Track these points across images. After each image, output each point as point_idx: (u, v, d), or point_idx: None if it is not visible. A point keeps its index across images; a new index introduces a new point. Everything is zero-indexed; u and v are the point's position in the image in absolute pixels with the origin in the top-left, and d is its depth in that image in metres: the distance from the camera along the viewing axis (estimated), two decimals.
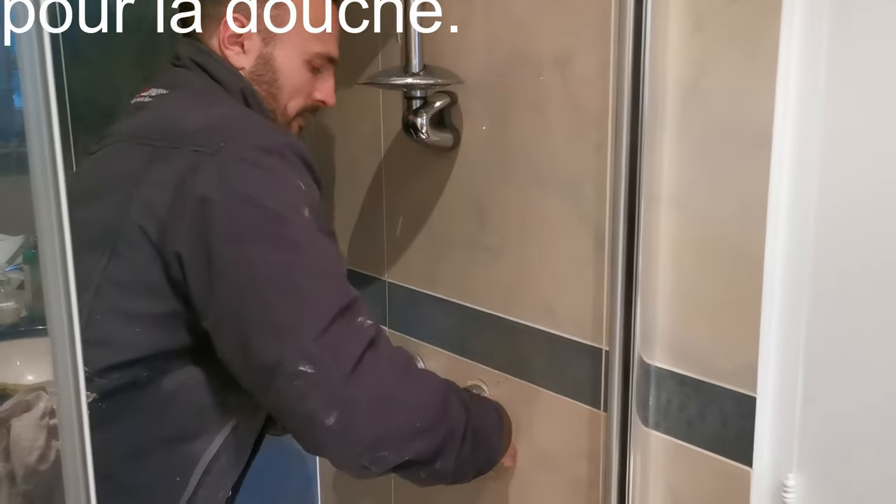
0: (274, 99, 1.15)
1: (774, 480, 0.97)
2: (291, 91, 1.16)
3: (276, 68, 1.13)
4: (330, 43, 1.18)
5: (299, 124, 1.21)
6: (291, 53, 1.14)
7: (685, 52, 0.96)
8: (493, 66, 1.20)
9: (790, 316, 0.94)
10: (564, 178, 1.12)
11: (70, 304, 0.57)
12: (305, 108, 1.20)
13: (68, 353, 0.59)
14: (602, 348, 1.10)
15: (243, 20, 1.11)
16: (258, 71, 1.13)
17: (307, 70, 1.16)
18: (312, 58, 1.16)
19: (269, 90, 1.14)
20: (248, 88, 1.11)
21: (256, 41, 1.12)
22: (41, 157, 0.56)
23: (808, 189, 0.90)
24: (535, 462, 1.23)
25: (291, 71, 1.14)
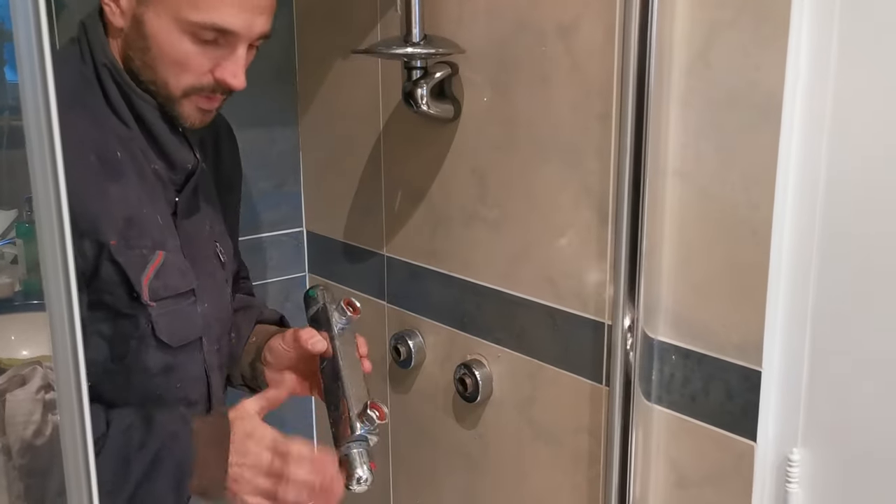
0: (152, 70, 0.94)
1: (779, 455, 0.96)
2: (171, 65, 0.93)
3: (146, 34, 0.92)
4: (220, 10, 0.91)
5: (198, 106, 0.97)
6: (164, 20, 0.91)
7: (693, 20, 0.94)
8: (494, 35, 1.17)
9: (797, 290, 0.93)
10: (568, 150, 1.10)
11: (69, 277, 0.56)
12: (202, 88, 0.95)
13: (67, 327, 0.57)
14: (605, 322, 1.09)
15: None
16: (132, 35, 0.93)
17: (190, 42, 0.92)
18: (193, 28, 0.91)
19: (143, 59, 0.93)
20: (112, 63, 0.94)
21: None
22: (38, 130, 0.54)
23: (817, 161, 0.89)
24: (537, 437, 1.22)
25: (166, 41, 0.91)
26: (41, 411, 1.00)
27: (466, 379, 1.29)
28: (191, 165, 1.02)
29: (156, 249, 0.95)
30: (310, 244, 1.67)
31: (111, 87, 0.95)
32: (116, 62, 0.95)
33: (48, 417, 1.01)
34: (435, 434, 1.42)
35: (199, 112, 0.98)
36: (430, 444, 1.44)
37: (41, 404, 1.00)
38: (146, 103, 0.96)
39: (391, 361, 1.47)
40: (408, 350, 1.41)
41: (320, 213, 1.62)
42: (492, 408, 1.30)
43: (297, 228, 1.67)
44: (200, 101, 0.97)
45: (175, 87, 0.95)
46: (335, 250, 1.59)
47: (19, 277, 1.59)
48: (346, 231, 1.56)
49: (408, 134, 1.36)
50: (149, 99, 0.96)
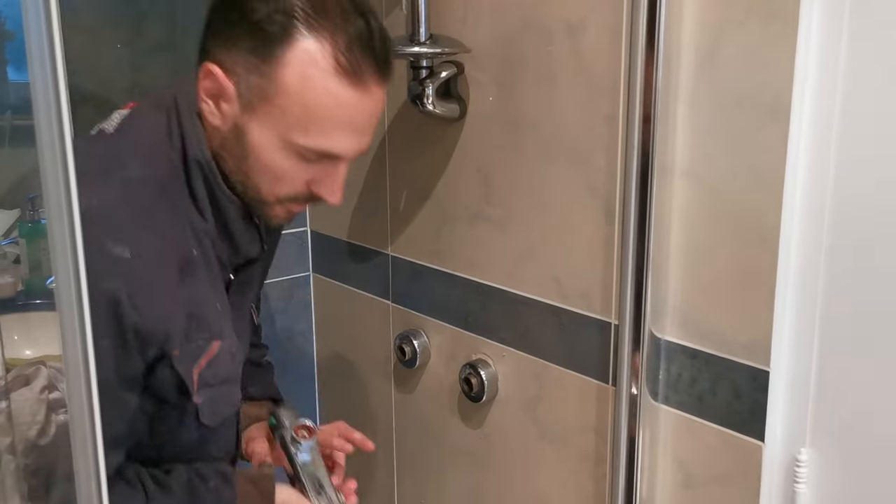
0: (244, 175, 0.91)
1: (787, 455, 0.96)
2: (267, 176, 0.90)
3: (246, 144, 0.88)
4: (331, 137, 0.87)
5: (289, 209, 0.95)
6: (269, 136, 0.87)
7: (701, 19, 0.94)
8: (500, 34, 1.17)
9: (806, 289, 0.92)
10: (574, 149, 1.10)
11: (79, 276, 0.55)
12: (296, 198, 0.93)
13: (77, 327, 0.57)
14: (611, 322, 1.09)
15: (221, 77, 0.87)
16: (229, 141, 0.89)
17: (292, 159, 0.88)
18: (299, 149, 0.88)
19: (237, 166, 0.90)
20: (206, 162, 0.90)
21: (235, 107, 0.87)
22: (49, 131, 0.53)
23: (825, 161, 0.89)
24: (542, 437, 1.22)
25: (267, 155, 0.88)
26: (45, 411, 1.00)
27: (472, 379, 1.29)
28: (255, 254, 1.00)
29: (212, 339, 0.92)
30: (314, 243, 1.67)
31: (198, 182, 0.91)
32: (211, 162, 0.91)
33: (52, 417, 1.00)
34: (440, 434, 1.42)
35: (287, 214, 0.96)
36: (435, 444, 1.44)
37: (45, 404, 1.00)
38: (230, 201, 0.93)
39: (396, 361, 1.47)
40: (413, 350, 1.41)
41: (325, 212, 1.62)
42: (497, 407, 1.30)
43: (302, 228, 1.66)
44: (292, 206, 0.95)
45: (268, 194, 0.92)
46: (339, 250, 1.59)
47: (22, 277, 1.59)
48: (350, 230, 1.55)
49: (413, 133, 1.36)
50: (234, 198, 0.93)
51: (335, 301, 1.64)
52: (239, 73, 0.87)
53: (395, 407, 1.52)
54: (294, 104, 0.85)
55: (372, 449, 1.17)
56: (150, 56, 1.43)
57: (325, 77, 0.85)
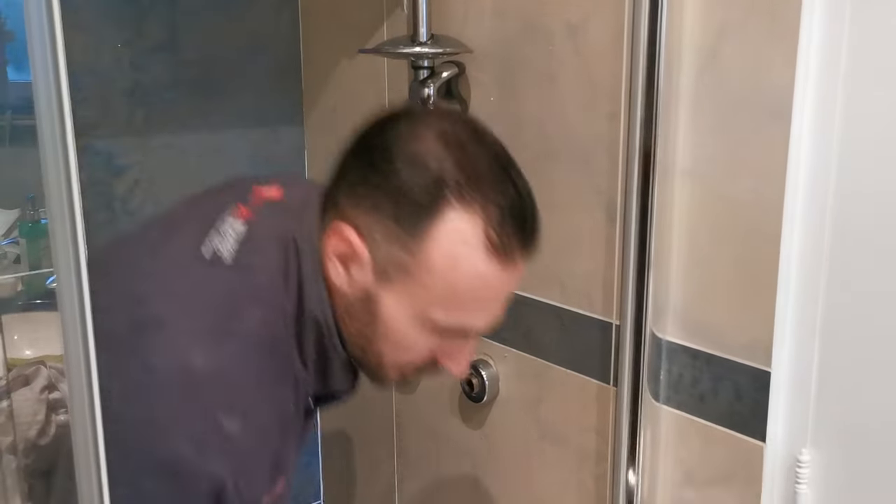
0: (367, 340, 0.84)
1: (788, 456, 0.96)
2: (394, 345, 0.83)
3: (376, 313, 0.81)
4: (472, 315, 0.82)
5: (404, 374, 0.88)
6: (404, 308, 0.81)
7: (703, 20, 0.94)
8: (502, 34, 1.17)
9: (807, 290, 0.92)
10: (576, 150, 1.10)
11: (81, 277, 0.55)
12: (419, 367, 0.86)
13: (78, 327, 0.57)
14: (613, 322, 1.09)
15: (354, 238, 0.79)
16: (355, 306, 0.82)
17: (427, 332, 0.82)
18: (436, 324, 0.81)
19: (360, 330, 0.83)
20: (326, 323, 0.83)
21: (367, 273, 0.80)
22: (51, 131, 0.53)
23: (827, 161, 0.89)
24: (543, 437, 1.22)
25: (398, 328, 0.82)
26: (45, 411, 1.00)
27: (473, 379, 1.29)
28: (344, 391, 0.93)
29: (279, 476, 0.84)
30: None
31: (309, 338, 0.84)
32: (331, 323, 0.83)
33: (52, 417, 1.00)
34: (441, 434, 1.42)
35: (401, 377, 0.89)
36: (436, 444, 1.43)
37: (45, 404, 1.00)
38: (339, 356, 0.86)
39: None
40: None
41: None
42: (498, 408, 1.29)
43: None
44: (408, 372, 0.88)
45: (390, 361, 0.86)
46: None
47: (22, 276, 1.59)
48: None
49: None
50: (343, 354, 0.86)
51: None
52: (377, 240, 0.79)
53: (395, 407, 1.52)
54: (438, 283, 0.79)
55: None
56: (150, 56, 1.43)
57: (474, 257, 0.78)
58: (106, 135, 1.41)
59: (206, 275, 0.81)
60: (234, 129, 1.54)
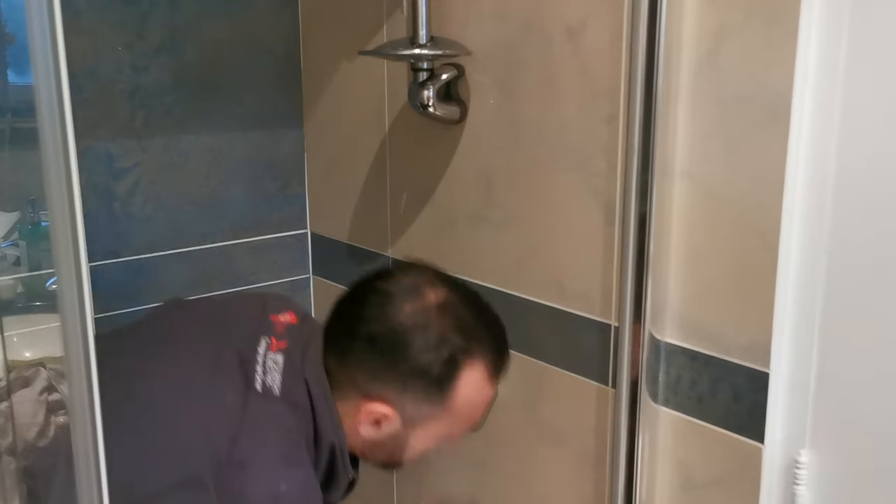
0: (391, 460, 1.05)
1: (787, 457, 0.96)
2: (413, 458, 1.05)
3: (404, 447, 1.02)
4: (477, 419, 1.04)
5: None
6: (429, 439, 1.02)
7: (702, 21, 0.94)
8: (501, 37, 1.17)
9: (805, 291, 0.93)
10: (575, 151, 1.10)
11: (81, 279, 0.56)
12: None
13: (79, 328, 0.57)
14: (611, 324, 1.09)
15: (389, 411, 0.97)
16: (385, 443, 1.01)
17: (439, 443, 1.04)
18: (452, 439, 1.04)
19: (388, 455, 1.04)
20: (341, 449, 0.99)
21: (396, 424, 0.98)
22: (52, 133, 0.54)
23: (826, 163, 0.89)
24: (542, 439, 1.22)
25: (423, 448, 1.03)
26: (44, 413, 1.00)
27: None
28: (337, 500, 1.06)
29: None
30: (314, 246, 1.67)
31: (323, 458, 0.99)
32: (346, 450, 1.00)
33: (51, 419, 1.00)
34: None
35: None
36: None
37: (44, 406, 1.00)
38: (346, 476, 1.02)
39: None
40: None
41: (325, 214, 1.62)
42: (497, 410, 1.29)
43: (302, 230, 1.67)
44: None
45: (407, 465, 1.06)
46: (340, 252, 1.59)
47: (22, 279, 1.59)
48: (350, 232, 1.56)
49: (413, 136, 1.36)
50: (352, 474, 1.03)
51: None
52: (406, 407, 0.97)
53: None
54: (460, 418, 1.00)
55: None
56: (150, 58, 1.43)
57: (485, 390, 1.01)
58: (106, 137, 1.42)
59: (267, 411, 0.94)
60: (235, 130, 1.55)
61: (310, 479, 0.95)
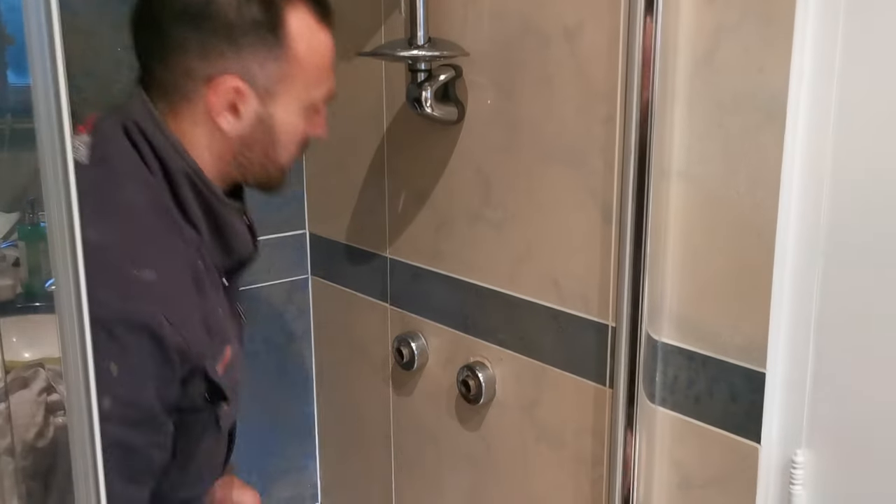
0: (268, 159, 0.98)
1: (783, 457, 0.97)
2: (290, 144, 0.99)
3: (274, 128, 0.96)
4: (332, 80, 1.00)
5: (290, 167, 1.04)
6: (293, 106, 0.96)
7: (698, 23, 0.94)
8: (499, 38, 1.18)
9: (802, 292, 0.93)
10: (572, 152, 1.10)
11: (79, 279, 0.56)
12: (300, 152, 1.03)
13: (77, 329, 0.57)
14: (609, 324, 1.09)
15: (238, 83, 0.91)
16: (253, 136, 0.95)
17: (306, 115, 0.98)
18: (314, 103, 0.99)
19: (264, 152, 0.97)
20: (195, 171, 0.93)
21: (253, 103, 0.93)
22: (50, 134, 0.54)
23: (821, 163, 0.89)
24: (540, 439, 1.22)
25: (291, 125, 0.97)
26: (43, 413, 1.00)
27: (469, 381, 1.29)
28: (248, 254, 1.02)
29: (224, 345, 0.94)
30: (312, 246, 1.67)
31: (187, 196, 0.93)
32: (199, 170, 0.93)
33: (50, 419, 1.01)
34: (438, 436, 1.42)
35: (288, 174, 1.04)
36: (432, 446, 1.44)
37: (43, 406, 1.00)
38: (225, 205, 0.96)
39: (394, 364, 1.47)
40: (411, 352, 1.41)
41: (323, 215, 1.63)
42: (495, 410, 1.30)
43: (300, 230, 1.67)
44: (291, 164, 1.03)
45: (287, 163, 1.01)
46: (338, 252, 1.59)
47: (21, 279, 1.59)
48: (348, 233, 1.56)
49: (411, 136, 1.37)
50: (230, 204, 0.97)
51: (333, 304, 1.64)
52: (253, 72, 0.92)
53: (393, 409, 1.52)
54: (309, 67, 0.95)
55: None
56: None
57: (317, 33, 0.96)
58: None
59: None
60: None
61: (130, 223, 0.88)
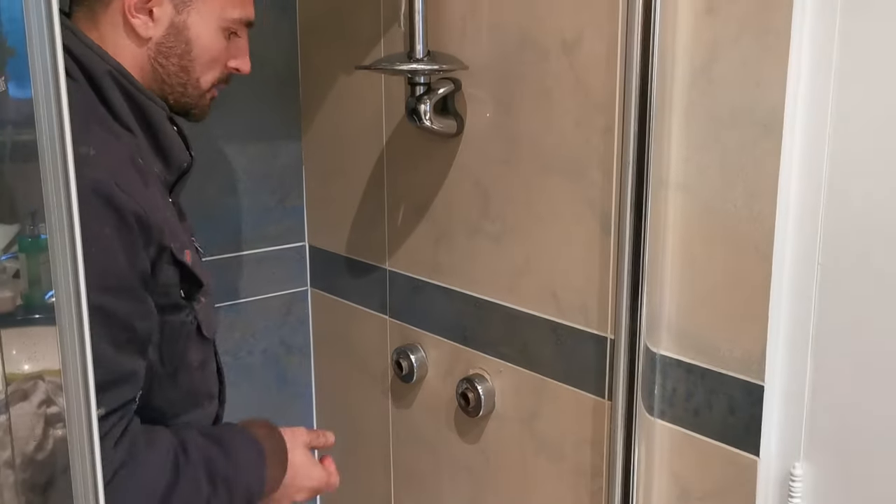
0: (185, 72, 1.01)
1: (782, 469, 0.97)
2: (207, 62, 1.02)
3: (189, 38, 0.99)
4: (249, 6, 1.04)
5: (212, 96, 1.07)
6: (207, 20, 1.00)
7: (695, 36, 0.95)
8: (497, 51, 1.18)
9: (799, 304, 0.93)
10: (570, 164, 1.11)
11: (79, 291, 0.56)
12: (221, 79, 1.06)
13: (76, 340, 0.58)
14: (607, 337, 1.09)
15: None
16: (168, 42, 0.99)
17: (223, 38, 1.02)
18: (230, 24, 1.02)
19: (179, 63, 1.00)
20: (118, 70, 0.96)
21: (168, 8, 0.97)
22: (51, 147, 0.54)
23: (818, 176, 0.90)
24: (539, 451, 1.22)
25: (207, 40, 1.00)
26: (42, 426, 1.00)
27: (469, 393, 1.29)
28: (186, 164, 1.04)
29: (184, 249, 0.97)
30: (312, 258, 1.68)
31: (115, 96, 0.95)
32: (123, 68, 0.96)
33: (49, 432, 1.00)
34: (437, 449, 1.42)
35: (209, 102, 1.06)
36: (432, 458, 1.44)
37: (42, 419, 1.00)
38: (156, 106, 0.99)
39: (393, 376, 1.47)
40: (410, 364, 1.41)
41: (323, 227, 1.63)
42: (494, 422, 1.30)
43: (300, 243, 1.67)
44: (214, 93, 1.06)
45: (205, 82, 1.03)
46: (337, 264, 1.60)
47: (21, 291, 1.59)
48: (348, 245, 1.56)
49: (411, 149, 1.37)
50: (159, 102, 0.99)
51: (333, 316, 1.64)
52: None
53: (392, 421, 1.52)
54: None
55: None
56: None
57: None
58: None
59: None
60: (233, 143, 1.56)
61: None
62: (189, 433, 0.99)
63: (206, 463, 0.96)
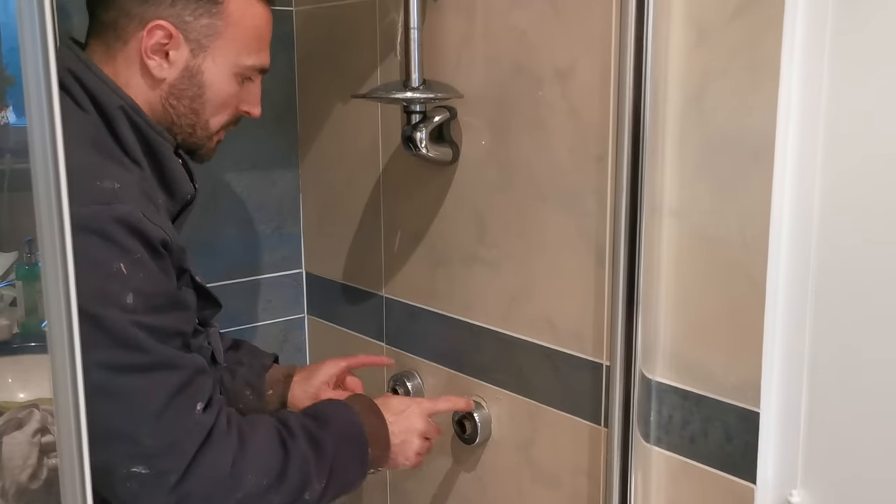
0: (195, 114, 1.03)
1: (779, 497, 0.96)
2: (217, 106, 1.05)
3: (202, 82, 1.02)
4: (265, 54, 1.07)
5: (219, 139, 1.10)
6: (222, 66, 1.02)
7: (687, 66, 0.96)
8: (493, 80, 1.19)
9: (794, 330, 0.93)
10: (565, 192, 1.11)
11: (71, 319, 0.56)
12: (230, 122, 1.09)
13: (68, 370, 0.58)
14: (603, 363, 1.09)
15: (171, 28, 0.98)
16: (181, 85, 1.01)
17: (237, 83, 1.05)
18: (245, 70, 1.05)
19: (191, 105, 1.03)
20: (130, 105, 0.98)
21: (184, 52, 1.00)
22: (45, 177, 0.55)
23: (810, 202, 0.90)
24: (536, 479, 1.22)
25: (220, 85, 1.03)
26: (37, 455, 1.00)
27: (465, 421, 1.29)
28: (190, 196, 1.06)
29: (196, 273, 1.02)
30: (309, 286, 1.68)
31: (125, 131, 0.97)
32: (135, 103, 0.99)
33: (44, 461, 1.00)
34: (433, 476, 1.41)
35: (216, 144, 1.10)
36: (428, 486, 1.43)
37: (37, 447, 1.00)
38: (164, 141, 1.01)
39: None
40: (406, 392, 1.41)
41: (320, 254, 1.63)
42: (491, 449, 1.29)
43: (297, 270, 1.67)
44: (221, 135, 1.09)
45: (214, 125, 1.06)
46: (334, 291, 1.60)
47: (17, 319, 1.59)
48: (345, 272, 1.56)
49: (407, 177, 1.38)
50: (167, 136, 1.02)
51: (330, 343, 1.64)
52: (186, 21, 0.99)
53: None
54: (242, 31, 1.02)
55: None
56: None
57: (257, 4, 1.04)
58: None
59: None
60: (230, 171, 1.56)
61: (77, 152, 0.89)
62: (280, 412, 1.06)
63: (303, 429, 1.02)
